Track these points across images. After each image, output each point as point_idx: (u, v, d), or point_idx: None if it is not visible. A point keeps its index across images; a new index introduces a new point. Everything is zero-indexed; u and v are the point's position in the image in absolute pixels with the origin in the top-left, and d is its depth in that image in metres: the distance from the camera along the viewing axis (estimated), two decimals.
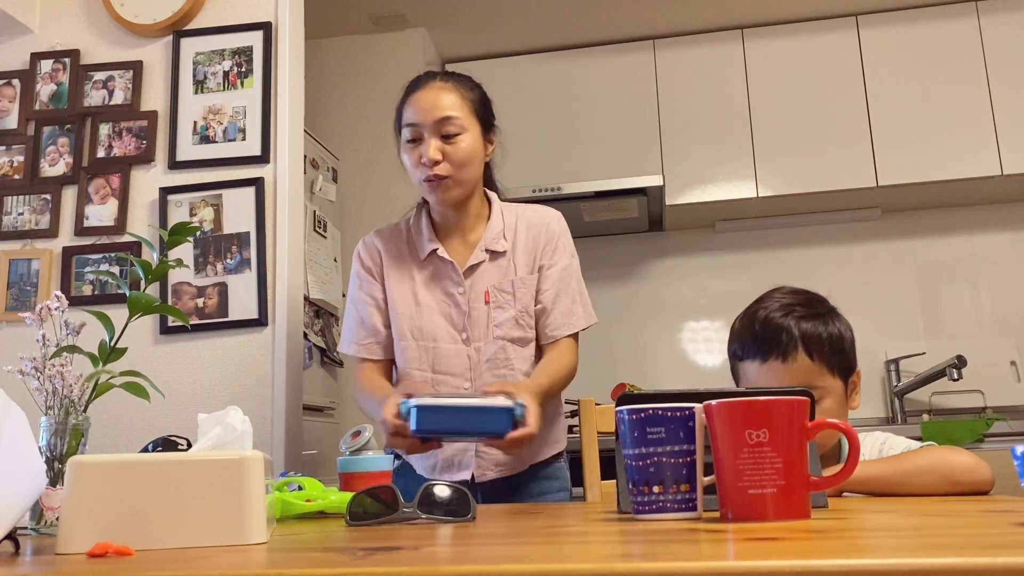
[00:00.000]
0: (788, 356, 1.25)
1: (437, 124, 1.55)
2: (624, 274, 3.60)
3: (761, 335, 1.27)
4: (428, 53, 3.44)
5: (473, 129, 1.59)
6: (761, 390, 0.83)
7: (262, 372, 2.01)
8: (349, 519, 0.91)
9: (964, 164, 3.10)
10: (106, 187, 2.16)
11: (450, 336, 1.60)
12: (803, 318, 1.28)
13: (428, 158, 1.54)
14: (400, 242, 1.68)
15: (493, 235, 1.64)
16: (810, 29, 3.34)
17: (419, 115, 1.56)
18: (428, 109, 1.55)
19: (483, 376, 1.58)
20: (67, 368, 1.07)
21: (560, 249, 1.66)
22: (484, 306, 1.60)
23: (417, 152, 1.56)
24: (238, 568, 0.56)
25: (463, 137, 1.56)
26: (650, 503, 0.80)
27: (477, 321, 1.60)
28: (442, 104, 1.56)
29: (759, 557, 0.49)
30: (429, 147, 1.54)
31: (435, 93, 1.57)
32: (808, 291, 1.36)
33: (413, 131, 1.57)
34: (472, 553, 0.60)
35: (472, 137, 1.58)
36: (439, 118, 1.55)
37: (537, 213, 1.69)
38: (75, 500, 0.71)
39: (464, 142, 1.56)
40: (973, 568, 0.45)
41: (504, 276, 1.62)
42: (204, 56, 2.18)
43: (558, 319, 1.62)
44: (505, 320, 1.60)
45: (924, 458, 1.13)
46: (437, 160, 1.54)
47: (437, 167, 1.54)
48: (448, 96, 1.57)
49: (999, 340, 3.28)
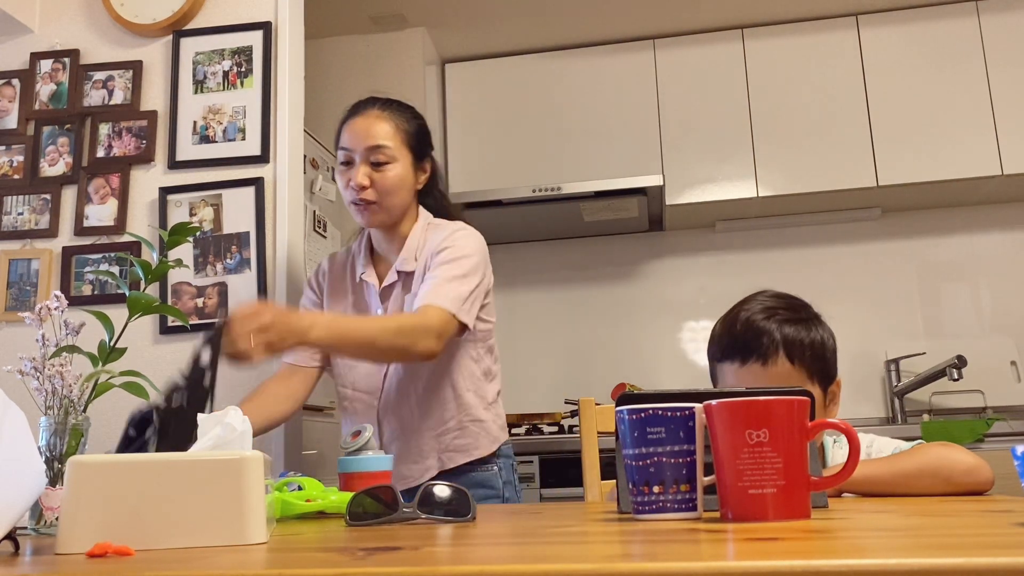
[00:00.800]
0: (768, 360, 1.22)
1: (367, 151, 1.62)
2: (624, 274, 3.60)
3: (742, 337, 1.24)
4: (428, 53, 3.44)
5: (404, 159, 1.64)
6: (761, 390, 0.83)
7: (262, 372, 2.01)
8: (349, 519, 0.91)
9: (964, 164, 3.10)
10: (106, 187, 2.16)
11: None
12: (785, 322, 1.24)
13: (356, 183, 1.61)
14: (345, 265, 1.78)
15: (405, 256, 1.68)
16: (810, 29, 3.34)
17: (352, 141, 1.63)
18: (361, 136, 1.62)
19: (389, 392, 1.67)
20: (67, 368, 1.07)
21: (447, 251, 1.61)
22: None
23: (347, 176, 1.64)
24: (238, 568, 0.56)
25: (392, 166, 1.63)
26: (650, 503, 0.80)
27: None
28: (374, 133, 1.62)
29: (759, 557, 0.49)
30: (358, 173, 1.61)
31: (370, 121, 1.64)
32: (792, 296, 1.32)
33: (345, 155, 1.64)
34: (472, 553, 0.60)
35: (401, 167, 1.64)
36: (369, 146, 1.61)
37: (441, 227, 1.69)
38: (75, 500, 0.71)
39: (392, 171, 1.63)
40: (973, 568, 0.45)
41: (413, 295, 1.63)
42: (204, 56, 2.18)
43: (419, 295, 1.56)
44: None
45: (923, 458, 1.12)
46: (364, 186, 1.61)
47: (364, 192, 1.61)
48: (382, 126, 1.63)
49: (999, 340, 3.28)
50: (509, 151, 3.45)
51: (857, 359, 3.36)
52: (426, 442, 1.65)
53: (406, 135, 1.66)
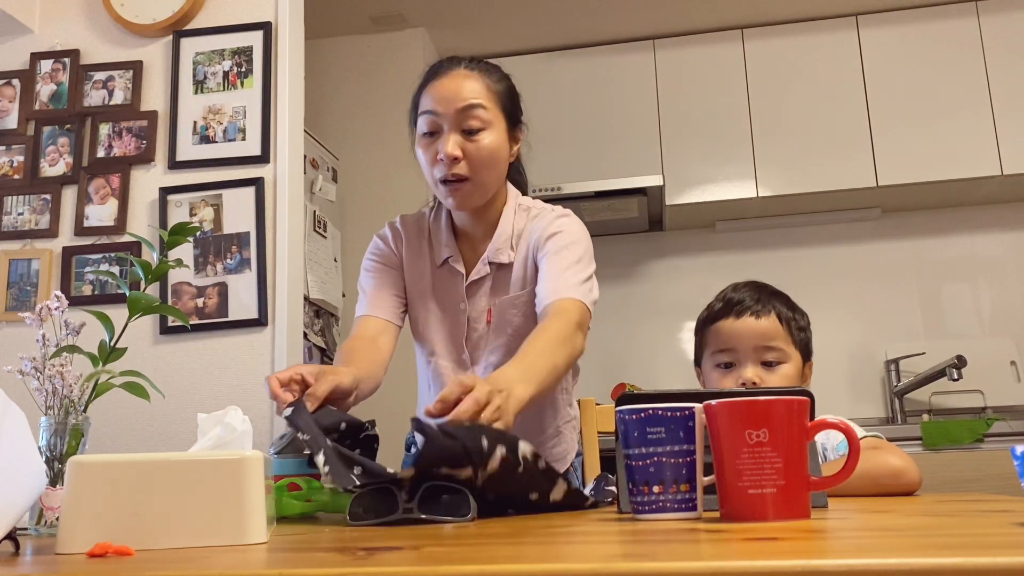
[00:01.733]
0: (761, 315, 1.37)
1: (459, 115, 1.36)
2: (624, 274, 3.60)
3: (737, 298, 1.40)
4: (428, 53, 3.44)
5: (499, 124, 1.40)
6: (761, 390, 0.83)
7: (262, 372, 2.01)
8: (349, 519, 0.91)
9: (964, 164, 3.10)
10: (106, 187, 2.16)
11: (448, 353, 1.47)
12: (774, 295, 1.42)
13: (446, 154, 1.35)
14: (421, 238, 1.52)
15: (498, 245, 1.45)
16: (810, 29, 3.34)
17: (439, 104, 1.37)
18: (450, 98, 1.36)
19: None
20: (67, 368, 1.07)
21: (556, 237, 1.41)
22: (485, 326, 1.45)
23: (434, 148, 1.38)
24: (238, 568, 0.56)
25: (487, 133, 1.37)
26: (650, 503, 0.80)
27: (477, 342, 1.46)
28: (465, 93, 1.37)
29: (759, 557, 0.49)
30: (448, 142, 1.35)
31: (458, 81, 1.38)
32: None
33: (430, 122, 1.38)
34: (472, 553, 0.60)
35: (497, 133, 1.39)
36: (461, 107, 1.36)
37: (542, 213, 1.48)
38: (75, 500, 0.71)
39: (487, 139, 1.37)
40: (973, 568, 0.45)
41: (509, 291, 1.45)
42: (204, 56, 2.18)
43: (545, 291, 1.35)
44: (498, 346, 1.44)
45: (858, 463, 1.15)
46: (457, 157, 1.35)
47: (456, 166, 1.36)
48: (473, 84, 1.38)
49: (999, 340, 3.28)
50: None
51: (857, 359, 3.36)
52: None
53: (499, 96, 1.42)
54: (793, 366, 1.38)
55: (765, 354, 1.37)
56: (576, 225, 1.45)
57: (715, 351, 1.41)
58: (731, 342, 1.38)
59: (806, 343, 1.42)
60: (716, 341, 1.41)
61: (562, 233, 1.41)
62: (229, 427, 0.94)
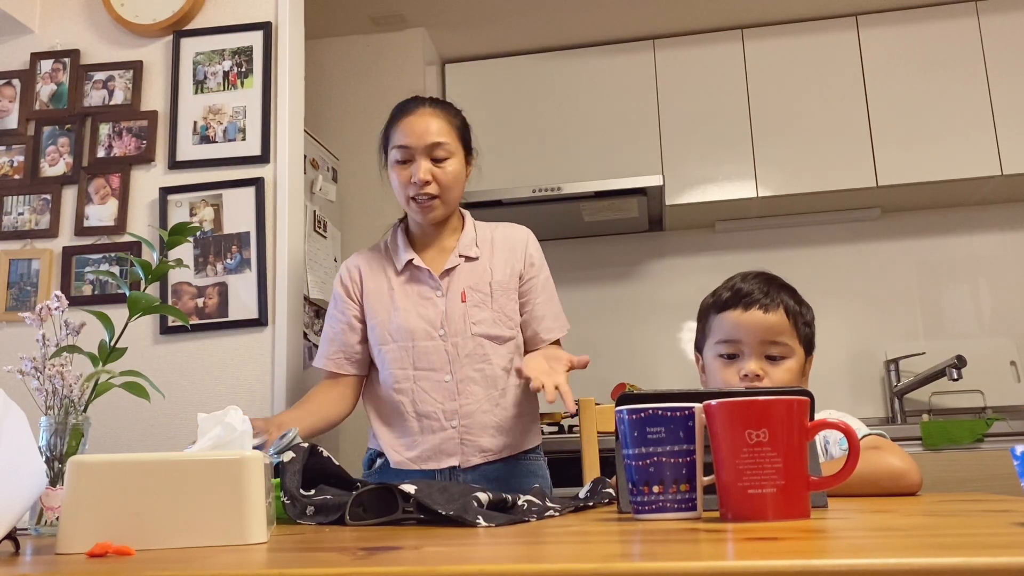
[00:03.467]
0: (769, 309, 1.37)
1: (428, 148, 1.67)
2: (624, 274, 3.60)
3: (746, 289, 1.40)
4: (428, 53, 3.44)
5: (459, 153, 1.72)
6: (761, 390, 0.83)
7: (262, 372, 2.01)
8: (349, 519, 0.91)
9: (964, 164, 3.10)
10: (106, 187, 2.16)
11: (427, 333, 1.70)
12: (783, 288, 1.43)
13: (419, 179, 1.66)
14: (380, 259, 1.80)
15: (466, 242, 1.76)
16: (810, 29, 3.34)
17: (411, 139, 1.67)
18: (420, 134, 1.67)
19: (463, 369, 1.70)
20: (67, 368, 1.07)
21: (539, 263, 1.81)
22: (461, 304, 1.72)
23: (407, 172, 1.68)
24: (238, 568, 0.56)
25: (451, 161, 1.69)
26: (650, 503, 0.80)
27: (453, 318, 1.71)
28: (432, 130, 1.68)
29: (759, 557, 0.49)
30: (420, 168, 1.66)
31: (426, 119, 1.69)
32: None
33: (404, 153, 1.69)
34: (472, 553, 0.60)
35: (458, 161, 1.71)
36: (430, 143, 1.67)
37: (510, 229, 1.83)
38: (75, 500, 0.71)
39: (451, 166, 1.69)
40: (973, 568, 0.45)
41: (479, 278, 1.74)
42: (204, 56, 2.18)
43: (550, 323, 1.78)
44: (483, 319, 1.72)
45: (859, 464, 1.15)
46: (428, 181, 1.67)
47: (427, 187, 1.67)
48: (437, 122, 1.69)
49: (999, 340, 3.28)
50: (509, 151, 3.44)
51: (857, 359, 3.36)
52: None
53: (458, 130, 1.73)
54: (796, 361, 1.38)
55: (770, 348, 1.37)
56: (539, 247, 1.84)
57: (719, 341, 1.40)
58: (736, 334, 1.38)
59: (810, 338, 1.42)
60: (721, 331, 1.40)
61: (539, 263, 1.80)
62: (229, 427, 0.94)
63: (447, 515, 0.85)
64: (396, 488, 0.90)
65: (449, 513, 0.85)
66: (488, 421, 1.69)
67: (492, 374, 1.71)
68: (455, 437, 1.68)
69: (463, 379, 1.69)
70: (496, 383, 1.71)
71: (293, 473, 0.99)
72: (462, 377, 1.69)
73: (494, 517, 0.87)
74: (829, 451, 1.35)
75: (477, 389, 1.69)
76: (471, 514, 0.85)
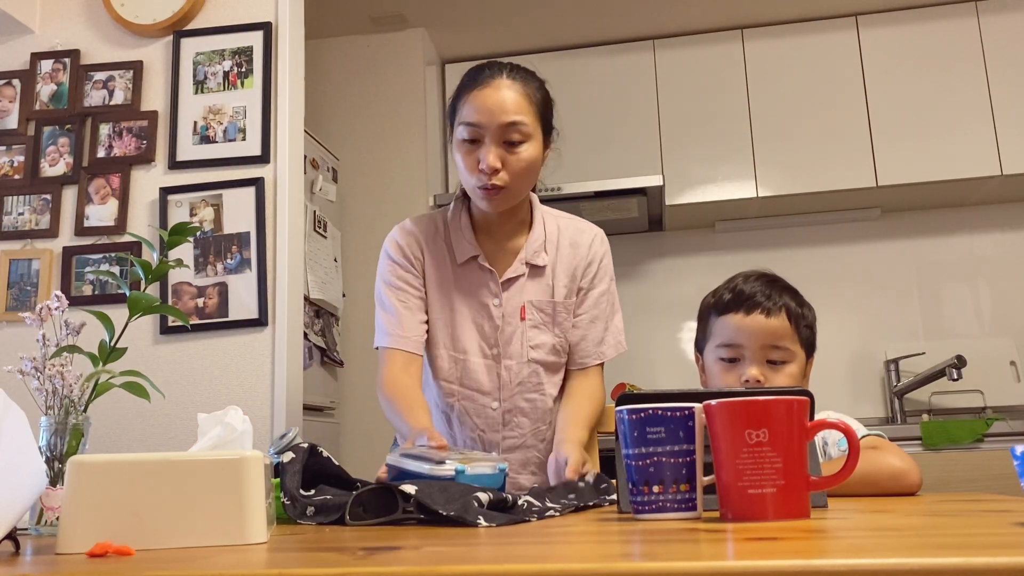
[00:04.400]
0: (771, 314, 1.36)
1: (501, 129, 1.40)
2: (624, 274, 3.60)
3: (748, 292, 1.38)
4: (428, 53, 3.44)
5: (537, 136, 1.46)
6: (761, 390, 0.83)
7: (262, 372, 2.01)
8: (349, 519, 0.91)
9: (964, 164, 3.10)
10: (106, 187, 2.16)
11: (480, 350, 1.51)
12: (785, 290, 1.41)
13: (488, 165, 1.39)
14: (439, 240, 1.55)
15: (535, 247, 1.53)
16: (810, 29, 3.34)
17: (482, 116, 1.40)
18: (494, 111, 1.40)
19: (513, 399, 1.51)
20: (67, 368, 1.07)
21: (601, 272, 1.57)
22: (519, 322, 1.51)
23: (474, 156, 1.42)
24: (238, 568, 0.56)
25: (526, 146, 1.43)
26: (650, 503, 0.80)
27: (510, 338, 1.51)
28: (508, 108, 1.40)
29: (759, 557, 0.49)
30: (489, 154, 1.40)
31: (501, 93, 1.41)
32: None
33: (472, 131, 1.42)
34: (472, 553, 0.60)
35: (535, 145, 1.45)
36: (504, 123, 1.40)
37: (580, 229, 1.59)
38: (75, 500, 0.71)
39: (527, 152, 1.43)
40: (973, 568, 0.45)
41: (542, 294, 1.52)
42: (204, 56, 2.18)
43: (589, 347, 1.56)
44: (543, 343, 1.52)
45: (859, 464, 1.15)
46: (497, 168, 1.40)
47: (495, 176, 1.41)
48: (515, 98, 1.42)
49: (999, 340, 3.28)
50: None
51: (857, 359, 3.36)
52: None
53: (538, 107, 1.46)
54: (798, 365, 1.38)
55: (771, 353, 1.36)
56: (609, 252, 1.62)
57: (720, 344, 1.39)
58: (738, 338, 1.36)
59: (811, 340, 1.41)
60: (722, 334, 1.39)
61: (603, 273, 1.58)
62: (229, 427, 0.94)
63: (447, 515, 0.84)
64: (396, 488, 0.90)
65: (450, 513, 0.84)
66: (531, 458, 1.52)
67: (543, 406, 1.52)
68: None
69: (511, 409, 1.50)
70: (545, 416, 1.53)
71: (293, 473, 0.99)
72: (510, 407, 1.50)
73: (495, 517, 0.87)
74: (828, 452, 1.35)
75: (525, 421, 1.51)
76: (471, 514, 0.85)
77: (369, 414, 2.96)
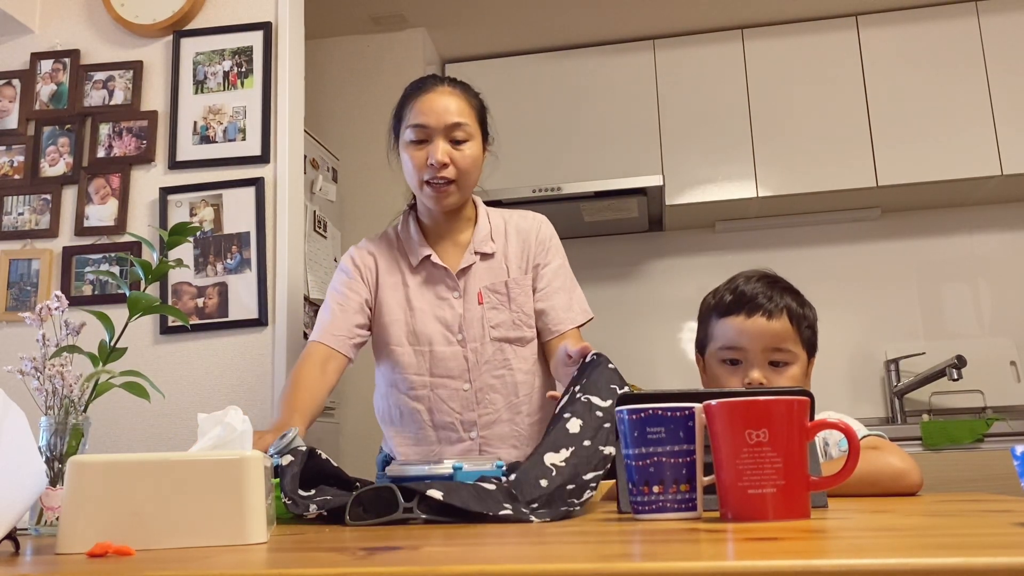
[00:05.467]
0: (773, 316, 1.36)
1: (447, 129, 1.55)
2: (624, 274, 3.60)
3: (750, 294, 1.38)
4: (428, 53, 3.44)
5: (477, 138, 1.60)
6: (761, 390, 0.83)
7: (262, 372, 2.01)
8: (349, 519, 0.91)
9: (964, 164, 3.10)
10: (106, 187, 2.16)
11: (445, 339, 1.62)
12: (786, 291, 1.41)
13: (437, 160, 1.53)
14: (392, 250, 1.69)
15: (481, 237, 1.66)
16: (810, 29, 3.34)
17: (430, 117, 1.55)
18: (440, 112, 1.55)
19: (482, 377, 1.61)
20: (67, 368, 1.07)
21: (552, 250, 1.70)
22: (478, 307, 1.62)
23: (423, 153, 1.55)
24: (238, 568, 0.56)
25: (470, 144, 1.58)
26: (650, 503, 0.80)
27: (471, 322, 1.62)
28: (453, 110, 1.56)
29: (759, 557, 0.49)
30: (438, 149, 1.54)
31: (445, 98, 1.57)
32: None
33: (421, 132, 1.56)
34: (472, 553, 0.60)
35: (477, 145, 1.60)
36: (450, 123, 1.55)
37: (524, 218, 1.72)
38: (75, 500, 0.71)
39: (470, 149, 1.58)
40: (973, 568, 0.45)
41: (495, 277, 1.65)
42: (204, 56, 2.18)
43: (560, 314, 1.65)
44: (502, 322, 1.63)
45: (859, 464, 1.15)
46: (446, 163, 1.54)
47: (444, 170, 1.55)
48: (458, 103, 1.58)
49: (999, 340, 3.28)
50: (509, 151, 3.43)
51: (857, 359, 3.36)
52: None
53: (477, 112, 1.62)
54: (799, 366, 1.38)
55: (773, 355, 1.36)
56: (555, 234, 1.72)
57: (722, 347, 1.39)
58: (740, 341, 1.36)
59: (812, 340, 1.41)
60: (724, 337, 1.39)
61: (555, 250, 1.69)
62: (229, 427, 0.94)
63: (495, 515, 0.88)
64: (420, 491, 0.90)
65: (498, 513, 0.88)
66: (508, 431, 1.61)
67: (513, 380, 1.62)
68: (474, 449, 1.60)
69: (482, 387, 1.61)
70: (517, 390, 1.62)
71: (292, 476, 0.99)
72: (481, 385, 1.61)
73: (542, 514, 0.91)
74: (828, 452, 1.35)
75: (497, 397, 1.61)
76: (519, 513, 0.89)
77: (369, 415, 2.95)
